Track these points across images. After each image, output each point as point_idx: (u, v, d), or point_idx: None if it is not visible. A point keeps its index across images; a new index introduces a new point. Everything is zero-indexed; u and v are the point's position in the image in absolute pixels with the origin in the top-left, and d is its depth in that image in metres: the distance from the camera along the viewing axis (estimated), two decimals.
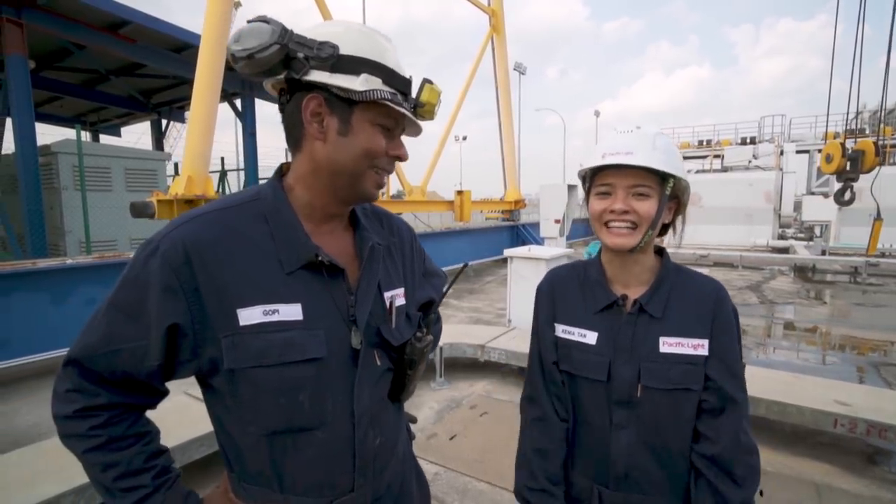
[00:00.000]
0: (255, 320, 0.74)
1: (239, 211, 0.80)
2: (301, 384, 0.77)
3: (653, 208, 0.93)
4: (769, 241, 13.40)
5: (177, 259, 0.72)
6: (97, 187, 7.52)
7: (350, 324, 0.82)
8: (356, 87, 0.76)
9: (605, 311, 1.02)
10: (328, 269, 0.81)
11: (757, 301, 7.65)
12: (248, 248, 0.77)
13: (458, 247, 10.70)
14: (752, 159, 16.81)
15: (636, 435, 0.96)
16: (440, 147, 11.81)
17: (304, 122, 0.79)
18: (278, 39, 0.73)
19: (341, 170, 0.81)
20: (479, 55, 12.30)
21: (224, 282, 0.74)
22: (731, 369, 0.96)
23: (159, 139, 11.74)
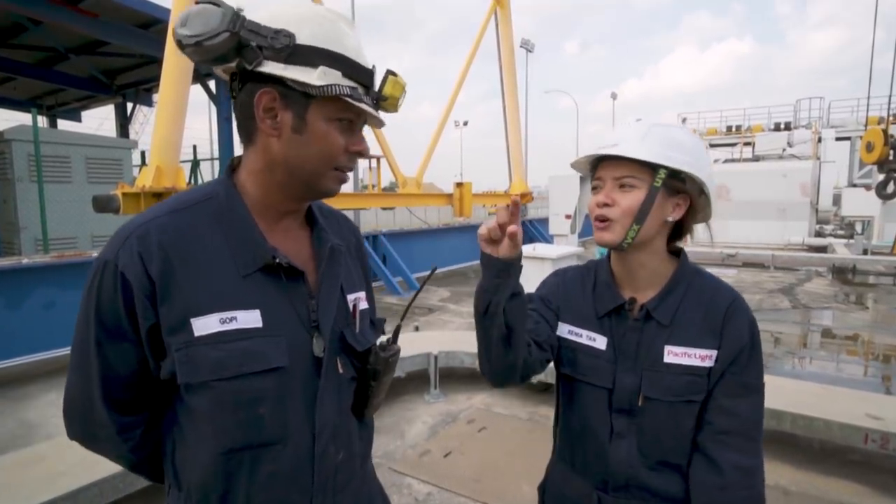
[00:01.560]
0: (210, 329, 0.77)
1: (192, 213, 0.82)
2: (262, 396, 0.80)
3: (637, 200, 0.97)
4: (805, 238, 13.45)
5: (133, 269, 0.76)
6: (55, 178, 7.58)
7: (312, 330, 0.85)
8: (313, 82, 0.77)
9: (611, 315, 1.06)
10: (286, 272, 0.84)
11: (790, 306, 7.72)
12: (202, 253, 0.80)
13: (457, 245, 10.76)
14: (786, 147, 16.86)
15: (636, 445, 1.02)
16: (438, 133, 11.85)
17: (257, 117, 0.81)
18: (229, 26, 0.74)
19: (297, 169, 0.83)
20: (481, 31, 12.34)
21: (178, 289, 0.77)
22: (744, 388, 0.98)
23: (124, 125, 11.78)
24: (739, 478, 0.96)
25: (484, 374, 1.07)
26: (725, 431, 0.98)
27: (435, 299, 8.07)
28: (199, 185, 0.90)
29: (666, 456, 1.01)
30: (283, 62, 0.78)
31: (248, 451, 0.81)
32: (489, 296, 0.94)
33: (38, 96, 11.72)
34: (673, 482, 1.02)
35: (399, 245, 9.12)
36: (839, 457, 3.15)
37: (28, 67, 9.80)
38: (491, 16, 12.59)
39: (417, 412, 3.89)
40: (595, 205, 1.02)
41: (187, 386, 0.78)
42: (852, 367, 5.27)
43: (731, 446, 0.97)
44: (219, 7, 0.75)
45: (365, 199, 10.99)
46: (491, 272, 0.93)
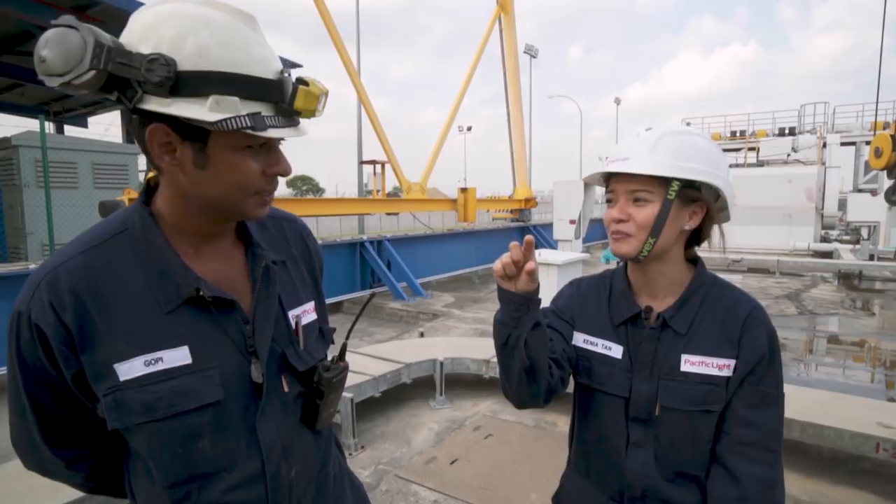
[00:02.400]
0: (135, 373, 0.74)
1: (103, 250, 0.77)
2: (198, 431, 0.77)
3: (651, 215, 0.97)
4: (810, 244, 13.40)
5: (46, 320, 0.73)
6: (62, 184, 7.61)
7: (249, 356, 0.82)
8: (205, 117, 0.68)
9: (627, 324, 1.06)
10: (215, 303, 0.79)
11: (796, 312, 7.67)
12: (119, 293, 0.75)
13: (461, 250, 10.76)
14: (791, 152, 16.86)
15: (653, 455, 1.01)
16: (441, 139, 11.89)
17: (153, 154, 0.74)
18: (93, 63, 0.64)
19: (210, 204, 0.78)
20: (485, 37, 12.39)
21: (97, 335, 0.74)
22: (763, 398, 0.98)
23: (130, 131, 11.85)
24: (758, 490, 0.95)
25: (508, 399, 1.06)
26: (745, 442, 0.97)
27: (440, 305, 8.06)
28: (114, 215, 0.82)
29: (683, 466, 1.00)
30: (167, 96, 0.68)
31: (193, 482, 0.79)
32: (509, 329, 0.94)
33: (45, 102, 11.81)
34: (690, 493, 1.01)
35: (403, 250, 9.12)
36: (850, 466, 3.12)
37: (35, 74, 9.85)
38: (495, 21, 12.64)
39: (423, 419, 3.87)
40: (610, 220, 1.02)
41: (120, 428, 0.77)
42: (860, 374, 5.23)
43: (750, 457, 0.96)
44: (78, 31, 0.64)
45: (369, 205, 11.02)
46: (510, 307, 0.93)
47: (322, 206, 9.64)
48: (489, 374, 4.20)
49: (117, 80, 0.67)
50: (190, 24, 0.69)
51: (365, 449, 3.41)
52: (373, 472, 3.10)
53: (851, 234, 14.77)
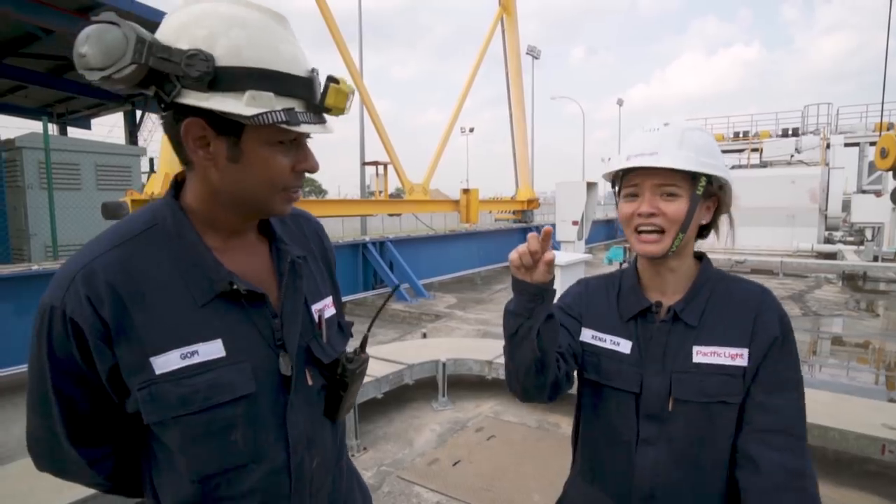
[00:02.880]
0: (172, 366, 0.74)
1: (135, 244, 0.77)
2: (232, 423, 0.78)
3: (682, 209, 0.95)
4: (814, 245, 13.35)
5: (83, 314, 0.72)
6: (65, 186, 7.64)
7: (277, 349, 0.83)
8: (242, 111, 0.70)
9: (637, 319, 1.05)
10: (246, 297, 0.80)
11: (800, 313, 7.65)
12: (153, 287, 0.75)
13: (463, 251, 10.75)
14: (794, 153, 16.79)
15: (665, 452, 0.98)
16: (444, 140, 11.89)
17: (188, 149, 0.75)
18: (135, 57, 0.66)
19: (241, 195, 0.79)
20: (488, 38, 12.40)
21: (134, 329, 0.74)
22: (780, 382, 0.96)
23: (133, 132, 11.89)
24: (785, 479, 0.90)
25: (513, 391, 1.05)
26: (766, 430, 0.94)
27: (442, 306, 8.05)
28: (141, 210, 0.83)
29: (698, 465, 0.97)
30: (205, 90, 0.70)
31: (223, 475, 0.80)
32: (521, 319, 0.93)
33: (49, 104, 11.85)
34: (704, 494, 0.98)
35: (406, 251, 9.12)
36: (855, 468, 3.10)
37: (39, 76, 9.92)
38: (497, 22, 12.64)
39: (425, 420, 3.87)
40: (636, 214, 0.99)
41: (154, 423, 0.76)
42: (864, 376, 5.21)
43: (772, 445, 0.92)
44: (119, 28, 0.67)
45: (372, 206, 11.02)
46: (524, 297, 0.92)
47: (324, 207, 9.65)
48: (492, 375, 4.19)
49: (155, 76, 0.69)
50: (224, 23, 0.71)
51: (367, 450, 3.40)
52: (375, 474, 3.09)
53: (855, 235, 14.72)
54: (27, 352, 0.80)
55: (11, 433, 3.77)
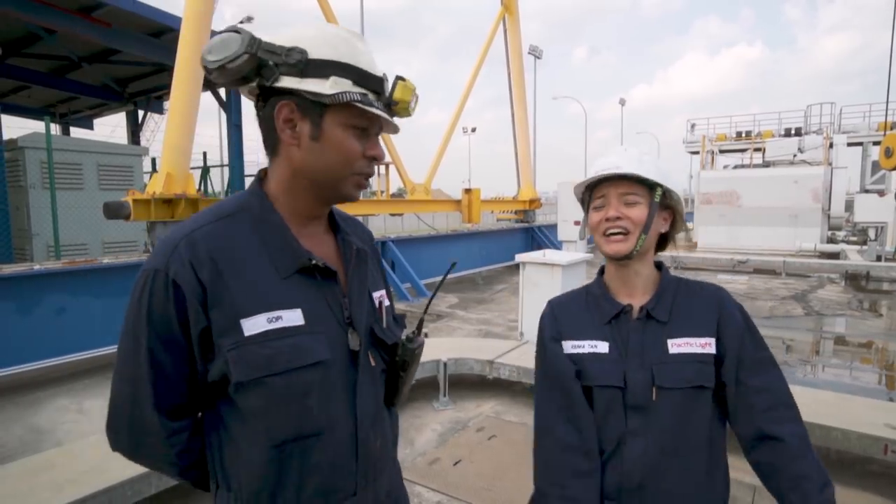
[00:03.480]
0: (259, 329, 0.83)
1: (229, 221, 0.88)
2: (310, 388, 0.86)
3: (643, 213, 1.11)
4: (817, 245, 13.30)
5: (185, 276, 0.82)
6: (67, 185, 7.66)
7: (346, 326, 0.92)
8: (325, 91, 0.84)
9: (612, 322, 1.15)
10: (321, 273, 0.90)
11: (802, 312, 7.62)
12: (244, 258, 0.86)
13: (465, 251, 10.74)
14: (797, 153, 16.74)
15: (652, 442, 1.06)
16: (445, 140, 11.89)
17: (277, 128, 0.88)
18: (247, 49, 0.82)
19: (318, 175, 0.90)
20: (490, 38, 12.39)
21: (227, 295, 0.83)
22: (762, 362, 1.09)
23: (135, 132, 11.91)
24: (800, 445, 1.03)
25: None
26: (769, 408, 1.05)
27: (443, 306, 8.05)
28: (231, 197, 0.95)
29: (681, 452, 1.06)
30: (299, 76, 0.85)
31: (297, 441, 0.86)
32: None
33: (52, 104, 11.88)
34: (687, 480, 1.06)
35: (407, 251, 9.12)
36: (857, 468, 3.08)
37: (42, 76, 9.94)
38: (499, 22, 12.63)
39: (426, 420, 3.86)
40: (604, 219, 1.13)
41: (239, 385, 0.82)
42: (867, 376, 5.19)
43: (781, 419, 1.04)
44: (239, 34, 0.83)
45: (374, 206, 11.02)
46: None
47: None
48: (493, 374, 4.19)
49: (259, 70, 0.84)
50: (321, 33, 0.88)
51: None
52: None
53: (858, 234, 14.68)
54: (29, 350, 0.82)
55: (12, 433, 3.77)
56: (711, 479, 1.07)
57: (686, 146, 24.88)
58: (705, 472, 1.07)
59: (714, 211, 15.04)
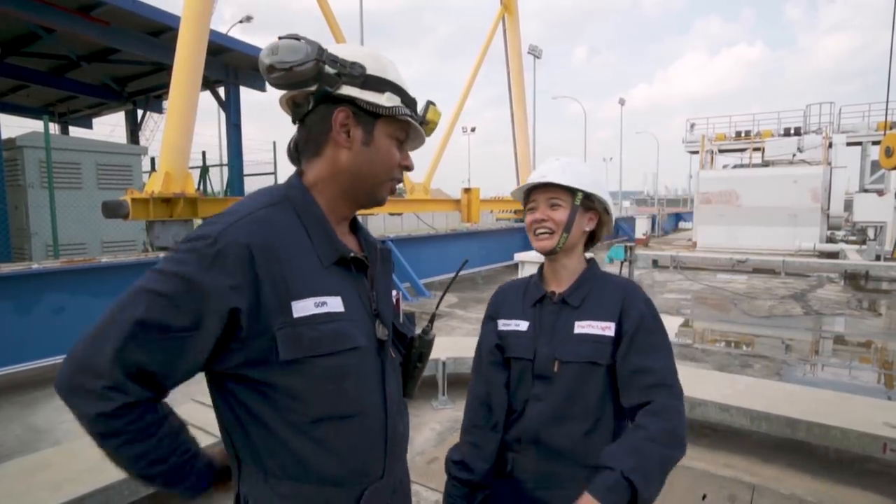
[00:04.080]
0: (307, 312, 0.87)
1: (278, 210, 0.92)
2: (347, 371, 0.91)
3: (564, 215, 1.30)
4: (816, 244, 13.32)
5: (240, 256, 0.82)
6: (66, 185, 7.65)
7: (373, 317, 0.98)
8: (383, 103, 0.94)
9: (537, 305, 1.36)
10: (356, 265, 0.97)
11: (801, 312, 7.62)
12: (293, 245, 0.90)
13: (464, 251, 10.73)
14: (796, 153, 16.74)
15: (549, 406, 1.25)
16: (445, 140, 11.88)
17: (333, 131, 0.94)
18: (317, 55, 0.89)
19: (363, 176, 0.98)
20: (489, 38, 12.38)
21: (280, 276, 0.86)
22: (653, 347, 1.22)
23: (134, 131, 11.90)
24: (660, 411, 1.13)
25: None
26: (651, 385, 1.17)
27: (443, 305, 7.96)
28: (272, 188, 0.99)
29: (572, 416, 1.24)
30: (359, 87, 0.93)
31: (333, 421, 0.90)
32: None
33: (51, 104, 11.86)
34: (573, 439, 1.23)
35: (407, 251, 9.11)
36: (856, 467, 3.08)
37: (41, 75, 9.93)
38: (499, 22, 12.62)
39: (425, 419, 3.86)
40: (533, 221, 1.33)
41: (286, 363, 0.85)
42: (866, 375, 5.19)
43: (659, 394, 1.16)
44: (302, 41, 0.90)
45: None
46: None
47: None
48: None
49: (320, 76, 0.91)
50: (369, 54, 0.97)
51: None
52: None
53: (857, 234, 14.68)
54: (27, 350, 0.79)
55: (10, 432, 3.76)
56: (590, 440, 1.22)
57: (686, 146, 24.89)
58: (584, 433, 1.23)
59: (713, 210, 15.04)
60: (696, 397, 3.33)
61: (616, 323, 1.25)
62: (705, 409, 3.31)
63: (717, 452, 3.27)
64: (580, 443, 1.23)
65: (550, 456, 1.25)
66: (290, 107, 1.01)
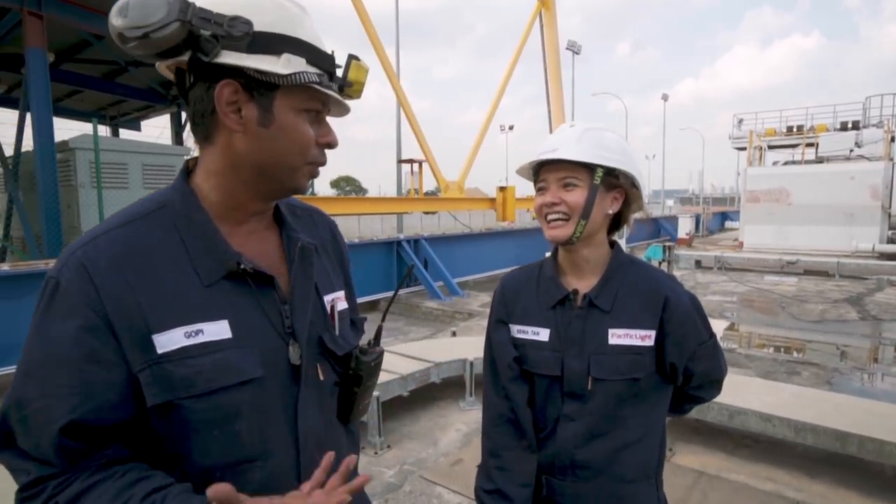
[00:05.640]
0: (175, 345, 0.71)
1: (145, 223, 0.76)
2: (236, 412, 0.74)
3: (581, 198, 1.07)
4: (875, 245, 12.54)
5: (82, 287, 0.69)
6: (114, 184, 7.98)
7: (287, 337, 0.81)
8: (279, 70, 0.73)
9: (557, 307, 1.15)
10: (254, 278, 0.79)
11: (857, 317, 7.17)
12: (159, 265, 0.74)
13: (499, 250, 10.64)
14: (854, 148, 15.82)
15: (584, 426, 1.10)
16: (480, 138, 11.78)
17: (219, 112, 0.75)
18: (179, 15, 0.67)
19: (268, 165, 0.79)
20: (525, 34, 12.20)
21: (134, 307, 0.71)
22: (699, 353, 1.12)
23: (179, 133, 12.32)
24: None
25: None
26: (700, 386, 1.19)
27: (476, 304, 7.97)
28: (152, 194, 0.82)
29: (612, 436, 1.09)
30: (244, 51, 0.72)
31: (227, 470, 0.75)
32: None
33: (103, 108, 12.43)
34: (617, 462, 1.09)
35: (441, 249, 9.09)
36: None
37: (93, 80, 10.40)
38: (535, 18, 12.43)
39: (451, 419, 3.81)
40: (543, 205, 1.11)
41: (156, 408, 0.71)
42: None
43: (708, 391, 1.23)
44: None
45: (406, 204, 11.06)
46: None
47: (360, 204, 9.74)
48: None
49: (193, 40, 0.70)
50: (253, 3, 0.74)
51: (391, 448, 3.37)
52: (397, 472, 3.05)
53: None
54: None
55: None
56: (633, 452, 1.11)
57: (732, 142, 23.92)
58: (627, 445, 1.10)
59: (762, 209, 14.40)
60: (735, 405, 3.16)
61: (657, 329, 1.09)
62: (745, 418, 3.13)
63: (758, 465, 3.09)
64: (624, 454, 1.10)
65: (590, 477, 1.10)
66: (175, 77, 0.79)
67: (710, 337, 1.15)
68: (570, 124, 1.12)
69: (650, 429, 1.13)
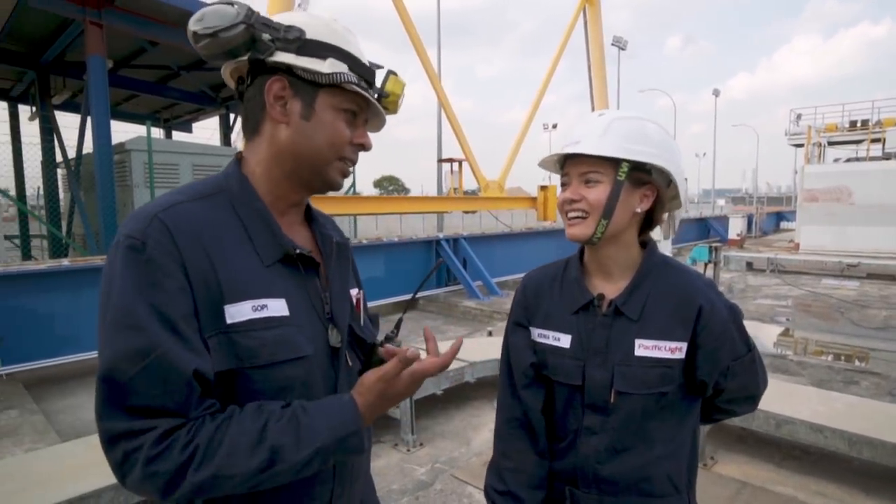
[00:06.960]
0: (243, 317, 0.76)
1: (210, 202, 0.82)
2: (290, 385, 0.79)
3: (602, 195, 1.00)
4: None
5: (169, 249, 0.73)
6: (165, 184, 8.35)
7: (326, 322, 0.87)
8: (322, 70, 0.83)
9: (580, 312, 1.08)
10: (304, 264, 0.86)
11: None
12: (227, 241, 0.80)
13: (539, 250, 10.52)
14: None
15: (607, 440, 1.03)
16: (521, 136, 11.67)
17: (267, 105, 0.84)
18: (244, 19, 0.79)
19: (305, 156, 0.86)
20: (568, 31, 12.01)
21: (210, 275, 0.75)
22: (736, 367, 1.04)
23: (227, 134, 12.78)
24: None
25: None
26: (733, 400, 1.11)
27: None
28: (205, 179, 0.89)
29: (637, 451, 1.03)
30: (295, 53, 0.83)
31: None
32: None
33: (157, 111, 13.04)
34: (643, 478, 1.03)
35: (480, 249, 9.07)
36: None
37: (147, 85, 10.93)
38: (579, 14, 12.22)
39: (484, 419, 3.79)
40: (563, 201, 1.05)
41: (218, 375, 0.74)
42: None
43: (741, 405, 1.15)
44: (233, 6, 0.80)
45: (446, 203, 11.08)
46: None
47: (400, 203, 9.83)
48: None
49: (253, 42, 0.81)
50: (314, 20, 0.87)
51: (423, 446, 3.39)
52: (429, 470, 3.07)
53: None
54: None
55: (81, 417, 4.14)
56: (660, 464, 1.04)
57: (789, 139, 22.79)
58: (655, 458, 1.04)
59: (820, 209, 13.66)
60: (783, 414, 3.01)
61: (689, 342, 1.01)
62: (793, 427, 2.98)
63: (808, 477, 2.94)
64: (651, 469, 1.04)
65: (616, 492, 1.04)
66: (236, 83, 0.92)
67: (748, 351, 1.06)
68: (599, 113, 1.05)
69: (680, 442, 1.06)
